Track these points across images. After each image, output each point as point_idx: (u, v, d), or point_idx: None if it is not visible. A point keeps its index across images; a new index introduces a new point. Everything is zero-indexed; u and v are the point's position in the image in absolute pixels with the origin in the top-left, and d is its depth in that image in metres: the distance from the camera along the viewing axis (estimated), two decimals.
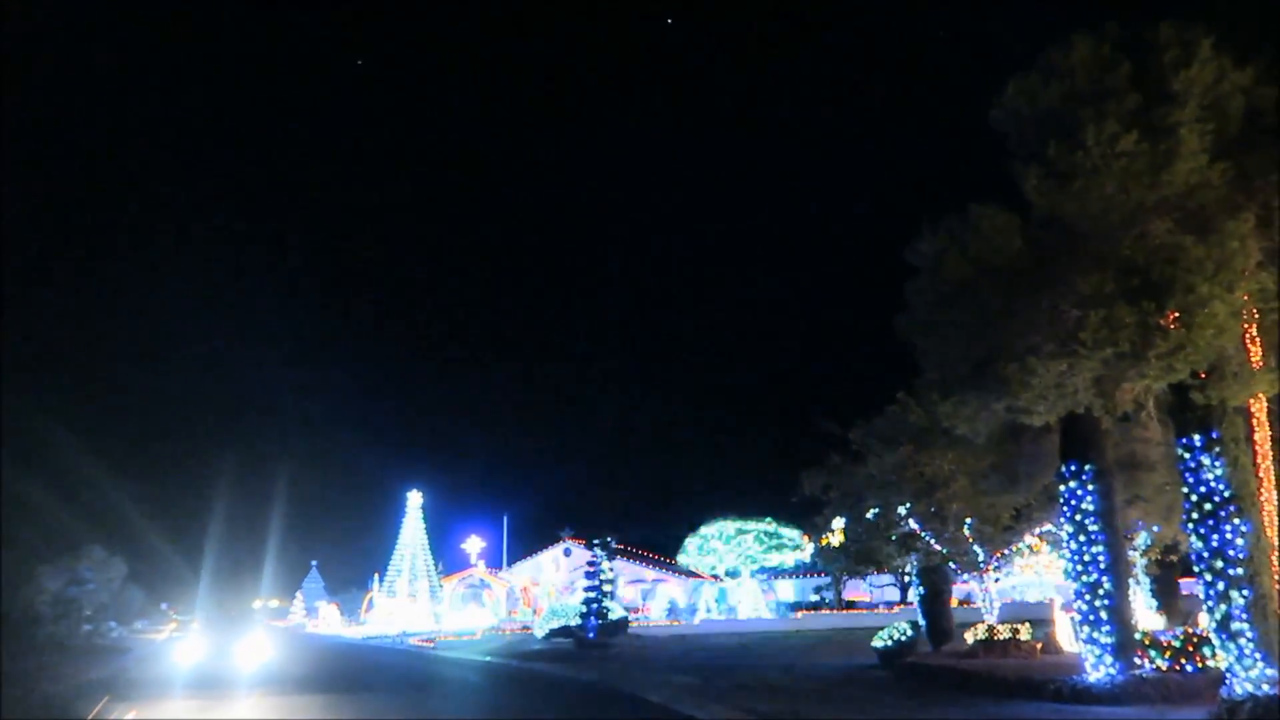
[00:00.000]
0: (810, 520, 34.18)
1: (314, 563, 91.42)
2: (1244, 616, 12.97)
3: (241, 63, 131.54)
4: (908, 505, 24.27)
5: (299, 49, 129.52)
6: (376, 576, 75.40)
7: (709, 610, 57.52)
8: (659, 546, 64.93)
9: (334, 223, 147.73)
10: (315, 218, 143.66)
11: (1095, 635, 15.86)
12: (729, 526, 56.77)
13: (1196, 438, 13.56)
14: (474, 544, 67.42)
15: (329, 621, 76.71)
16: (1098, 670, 15.75)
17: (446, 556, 73.88)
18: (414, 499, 74.38)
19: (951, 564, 25.62)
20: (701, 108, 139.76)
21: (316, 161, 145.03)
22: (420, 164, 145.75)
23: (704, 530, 60.18)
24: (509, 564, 70.77)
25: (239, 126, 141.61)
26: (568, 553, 61.62)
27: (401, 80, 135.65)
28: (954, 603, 28.17)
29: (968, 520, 23.62)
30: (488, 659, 34.70)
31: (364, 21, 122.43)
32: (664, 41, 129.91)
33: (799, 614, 54.13)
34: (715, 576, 60.61)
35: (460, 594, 67.87)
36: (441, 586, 69.71)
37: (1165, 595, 24.47)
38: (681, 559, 61.58)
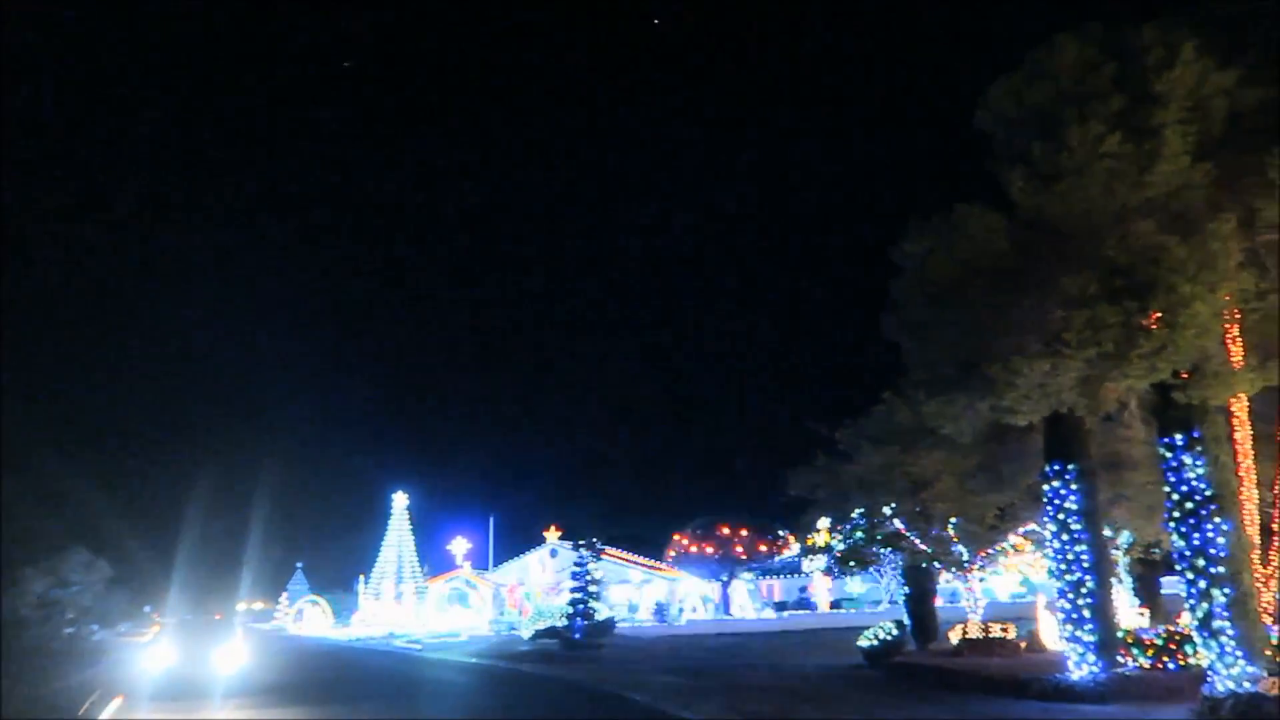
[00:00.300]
0: (797, 520, 34.28)
1: (299, 564, 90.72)
2: (1225, 614, 13.09)
3: (237, 64, 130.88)
4: (893, 505, 24.36)
5: (300, 51, 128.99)
6: (362, 578, 75.07)
7: (695, 610, 57.55)
8: (646, 547, 64.87)
9: (321, 223, 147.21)
10: (303, 217, 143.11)
11: (1078, 633, 15.96)
12: (720, 526, 56.89)
13: (1178, 437, 13.68)
14: (460, 545, 67.14)
15: (314, 623, 76.31)
16: (1081, 668, 15.84)
17: (432, 558, 73.60)
18: (399, 500, 74.07)
19: (936, 563, 25.74)
20: (694, 108, 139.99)
21: (306, 162, 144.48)
22: (411, 164, 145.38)
23: (693, 530, 60.32)
24: (495, 565, 70.52)
25: (227, 125, 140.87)
26: (554, 553, 61.44)
27: (395, 80, 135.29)
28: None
29: (953, 520, 23.74)
30: (474, 661, 34.57)
31: (360, 22, 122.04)
32: (662, 42, 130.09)
33: (786, 613, 54.24)
34: (702, 576, 60.64)
35: (446, 595, 67.56)
36: (427, 588, 69.43)
37: (1148, 593, 24.62)
38: (669, 559, 61.67)
